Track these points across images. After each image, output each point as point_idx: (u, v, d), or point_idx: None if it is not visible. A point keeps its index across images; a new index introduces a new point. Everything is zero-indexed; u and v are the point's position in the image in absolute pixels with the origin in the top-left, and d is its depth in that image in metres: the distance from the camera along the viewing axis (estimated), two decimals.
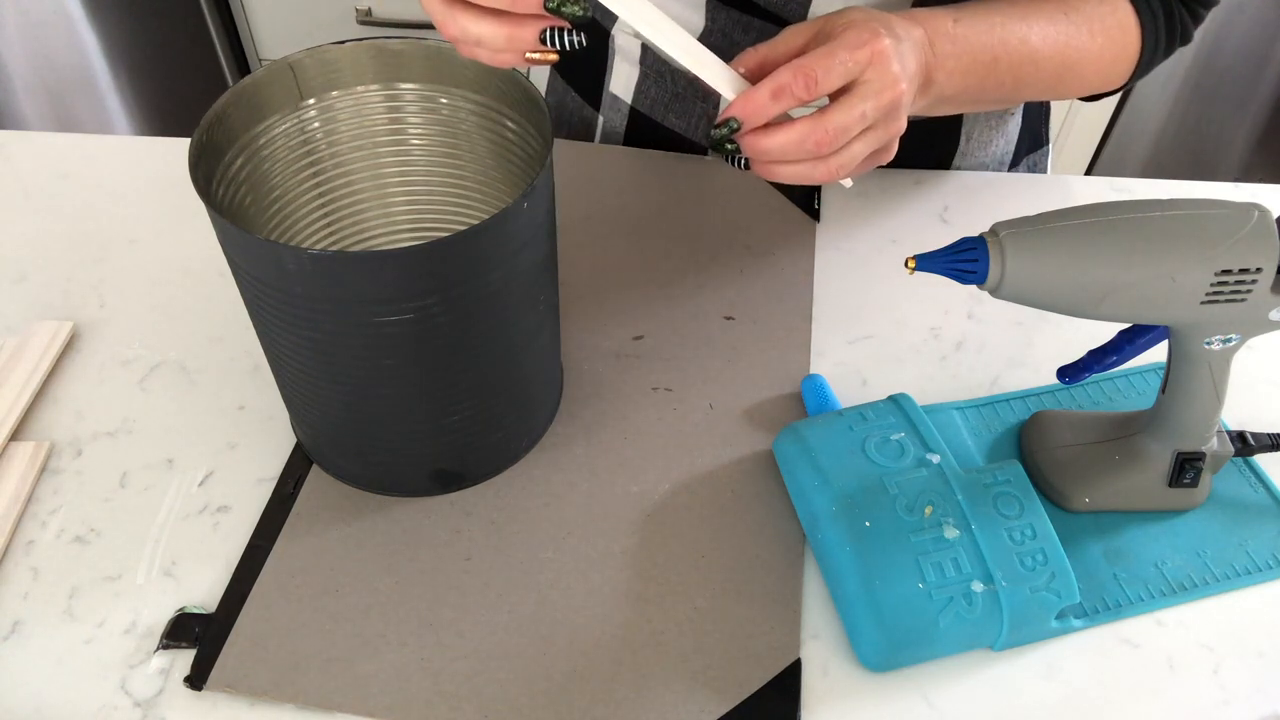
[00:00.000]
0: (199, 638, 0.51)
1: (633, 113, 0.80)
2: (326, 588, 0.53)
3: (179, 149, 0.81)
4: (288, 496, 0.58)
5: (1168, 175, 1.74)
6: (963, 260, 0.47)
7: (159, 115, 1.79)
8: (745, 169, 0.52)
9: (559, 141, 0.82)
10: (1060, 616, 0.52)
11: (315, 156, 0.59)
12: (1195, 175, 1.74)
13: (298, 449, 0.60)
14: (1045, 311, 0.61)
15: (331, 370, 0.51)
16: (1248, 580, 0.55)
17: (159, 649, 0.51)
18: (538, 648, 0.51)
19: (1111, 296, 0.47)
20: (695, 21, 0.71)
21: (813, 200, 0.77)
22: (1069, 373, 0.58)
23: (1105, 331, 0.57)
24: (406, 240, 0.65)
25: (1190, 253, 0.46)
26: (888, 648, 0.49)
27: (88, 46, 1.67)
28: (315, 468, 0.59)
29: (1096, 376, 0.63)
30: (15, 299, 0.69)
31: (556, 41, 0.46)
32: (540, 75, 0.89)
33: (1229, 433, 0.58)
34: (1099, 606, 0.53)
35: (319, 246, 0.62)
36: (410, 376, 0.51)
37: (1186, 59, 1.59)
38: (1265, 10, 1.51)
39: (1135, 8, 0.63)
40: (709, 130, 0.51)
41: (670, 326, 0.67)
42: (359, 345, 0.49)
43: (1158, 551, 0.56)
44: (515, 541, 0.56)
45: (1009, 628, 0.49)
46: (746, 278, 0.71)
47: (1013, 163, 0.83)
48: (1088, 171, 1.74)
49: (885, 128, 0.51)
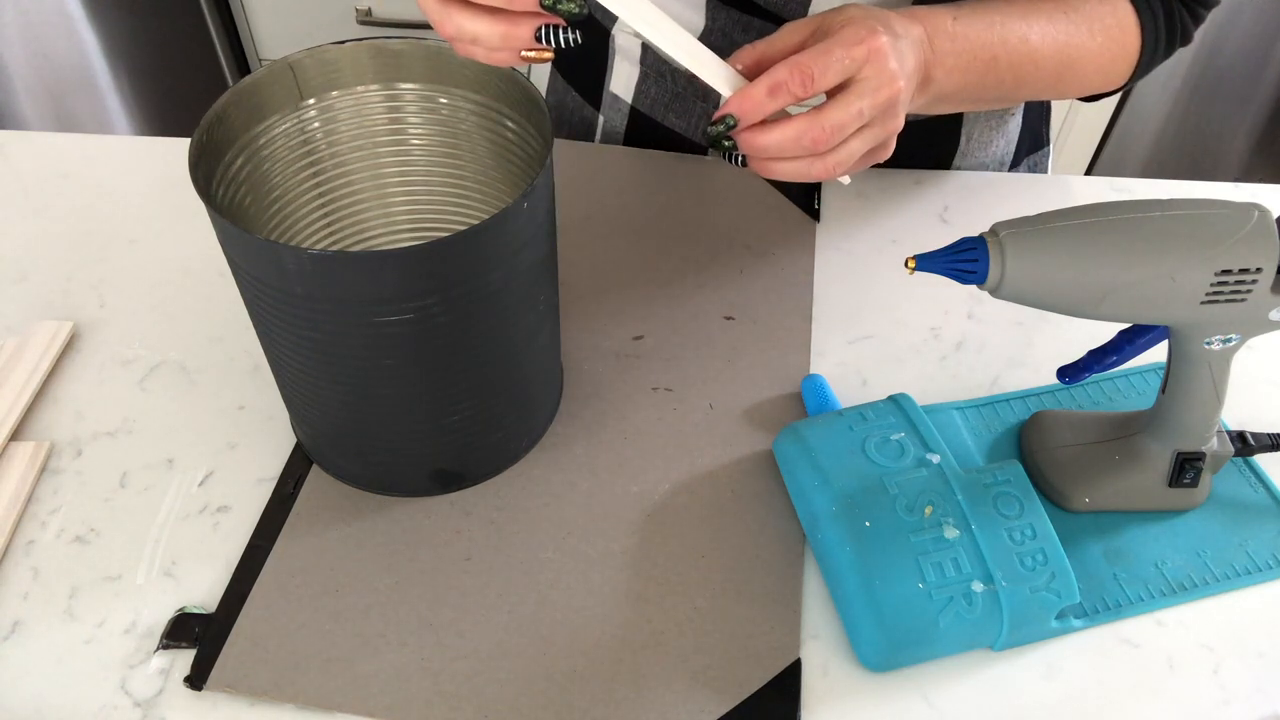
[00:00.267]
0: (199, 638, 0.51)
1: (633, 112, 0.80)
2: (326, 588, 0.53)
3: (179, 149, 0.81)
4: (288, 496, 0.58)
5: (1168, 175, 1.74)
6: (963, 260, 0.47)
7: (159, 115, 1.79)
8: (743, 165, 0.52)
9: (559, 141, 0.82)
10: (1060, 616, 0.52)
11: (315, 156, 0.59)
12: (1195, 175, 1.74)
13: (298, 449, 0.60)
14: (1045, 311, 0.61)
15: (331, 370, 0.51)
16: (1248, 580, 0.55)
17: (159, 649, 0.51)
18: (538, 648, 0.51)
19: (1111, 296, 0.47)
20: (695, 21, 0.71)
21: (813, 200, 0.77)
22: (1069, 373, 0.58)
23: (1105, 331, 0.57)
24: (406, 240, 0.65)
25: (1190, 253, 0.46)
26: (888, 648, 0.49)
27: (88, 46, 1.67)
28: (315, 468, 0.59)
29: (1096, 376, 0.63)
30: (15, 299, 0.69)
31: (552, 39, 0.46)
32: (540, 75, 0.89)
33: (1229, 433, 0.58)
34: (1099, 606, 0.53)
35: (319, 246, 0.62)
36: (410, 376, 0.51)
37: (1186, 59, 1.59)
38: (1265, 10, 1.51)
39: (1135, 8, 0.63)
40: (706, 128, 0.50)
41: (670, 326, 0.67)
42: (359, 345, 0.49)
43: (1158, 551, 0.56)
44: (515, 541, 0.56)
45: (1009, 628, 0.49)
46: (746, 278, 0.71)
47: (1013, 163, 0.83)
48: (1088, 171, 1.74)
49: (883, 125, 0.51)
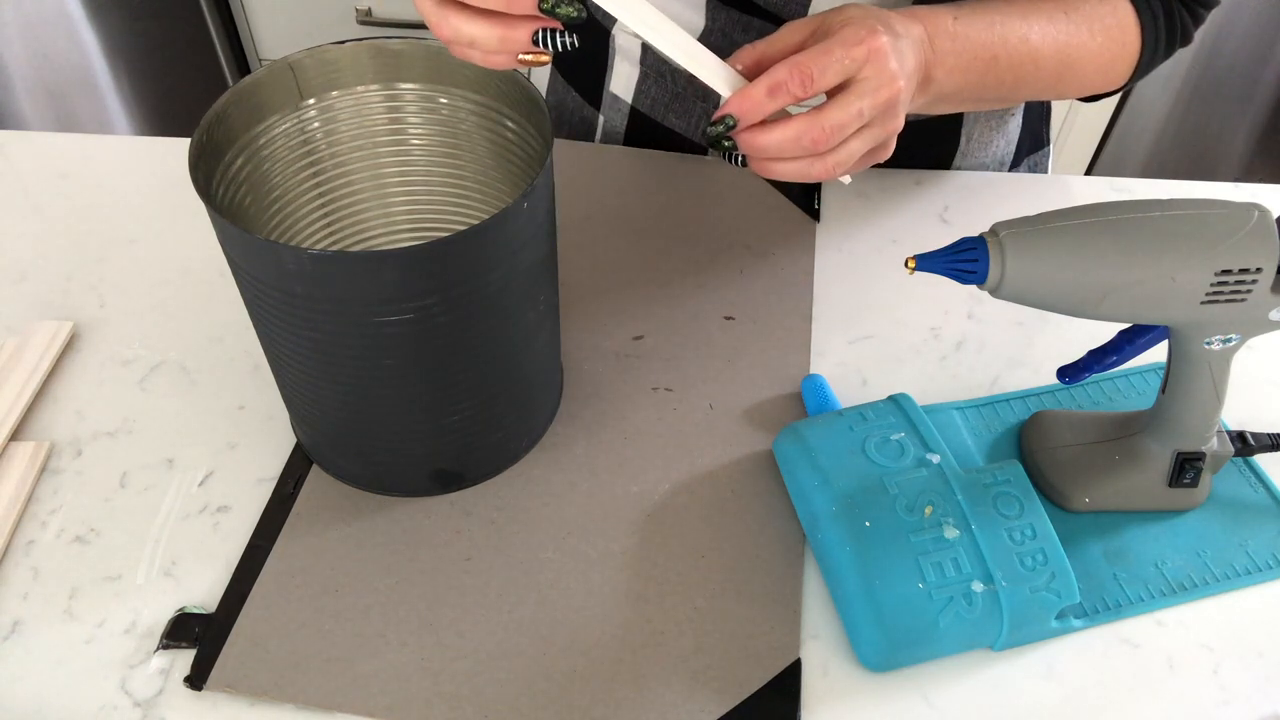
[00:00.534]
0: (199, 638, 0.51)
1: (633, 112, 0.80)
2: (326, 588, 0.53)
3: (179, 149, 0.81)
4: (288, 496, 0.58)
5: (1168, 175, 1.74)
6: (963, 260, 0.47)
7: (159, 115, 1.80)
8: (743, 165, 0.52)
9: (559, 141, 0.82)
10: (1060, 616, 0.52)
11: (315, 156, 0.59)
12: (1195, 175, 1.74)
13: (298, 449, 0.60)
14: (1045, 311, 0.61)
15: (331, 370, 0.51)
16: (1248, 580, 0.55)
17: (159, 649, 0.51)
18: (538, 648, 0.51)
19: (1111, 296, 0.47)
20: (695, 21, 0.71)
21: (813, 200, 0.77)
22: (1069, 373, 0.58)
23: (1105, 331, 0.57)
24: (406, 240, 0.65)
25: (1190, 253, 0.46)
26: (888, 648, 0.49)
27: (88, 46, 1.67)
28: (315, 468, 0.59)
29: (1096, 376, 0.63)
30: (15, 299, 0.69)
31: (550, 43, 0.46)
32: (541, 75, 0.89)
33: (1229, 433, 0.58)
34: (1099, 606, 0.53)
35: (319, 246, 0.62)
36: (410, 376, 0.51)
37: (1186, 59, 1.59)
38: (1265, 10, 1.51)
39: (1135, 8, 0.63)
40: (705, 128, 0.50)
41: (670, 326, 0.67)
42: (359, 345, 0.49)
43: (1158, 551, 0.56)
44: (515, 541, 0.56)
45: (1009, 628, 0.49)
46: (746, 278, 0.71)
47: (1013, 163, 0.83)
48: (1088, 171, 1.74)
49: (883, 125, 0.51)
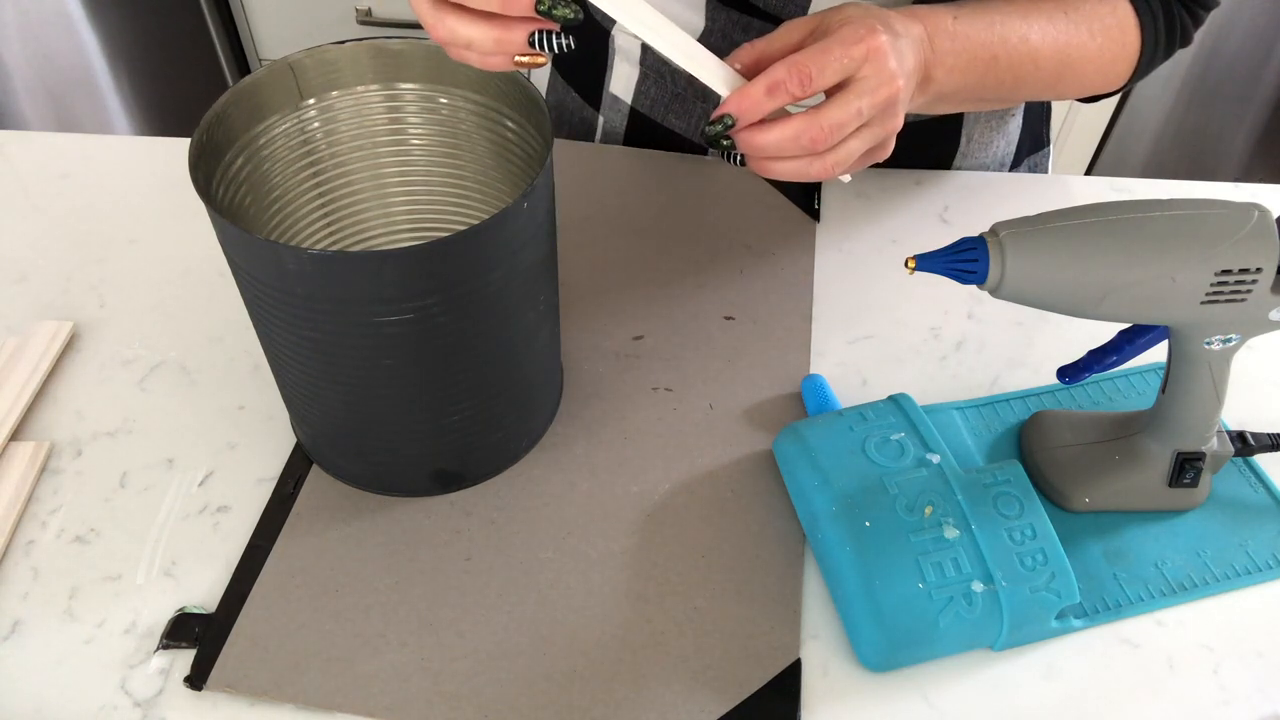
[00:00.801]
0: (199, 638, 0.51)
1: (633, 113, 0.80)
2: (326, 588, 0.53)
3: (179, 149, 0.81)
4: (288, 496, 0.58)
5: (1168, 175, 1.74)
6: (963, 260, 0.47)
7: (159, 115, 1.80)
8: (742, 164, 0.52)
9: (559, 141, 0.82)
10: (1060, 616, 0.52)
11: (315, 156, 0.59)
12: (1195, 175, 1.74)
13: (298, 449, 0.60)
14: (1045, 311, 0.61)
15: (331, 370, 0.51)
16: (1248, 580, 0.55)
17: (159, 649, 0.51)
18: (538, 648, 0.51)
19: (1111, 296, 0.47)
20: (695, 22, 0.71)
21: (813, 200, 0.77)
22: (1069, 373, 0.58)
23: (1105, 331, 0.57)
24: (406, 240, 0.65)
25: (1190, 253, 0.46)
26: (888, 648, 0.49)
27: (88, 46, 1.67)
28: (315, 468, 0.59)
29: (1096, 376, 0.63)
30: (15, 299, 0.69)
31: (546, 45, 0.46)
32: (541, 75, 0.89)
33: (1229, 433, 0.58)
34: (1099, 606, 0.53)
35: (319, 246, 0.62)
36: (410, 376, 0.51)
37: (1186, 59, 1.59)
38: (1265, 10, 1.51)
39: (1135, 8, 0.63)
40: (705, 126, 0.50)
41: (670, 326, 0.67)
42: (359, 345, 0.49)
43: (1158, 551, 0.56)
44: (515, 541, 0.56)
45: (1009, 628, 0.49)
46: (746, 278, 0.71)
47: (1013, 163, 0.83)
48: (1088, 171, 1.74)
49: (882, 124, 0.51)
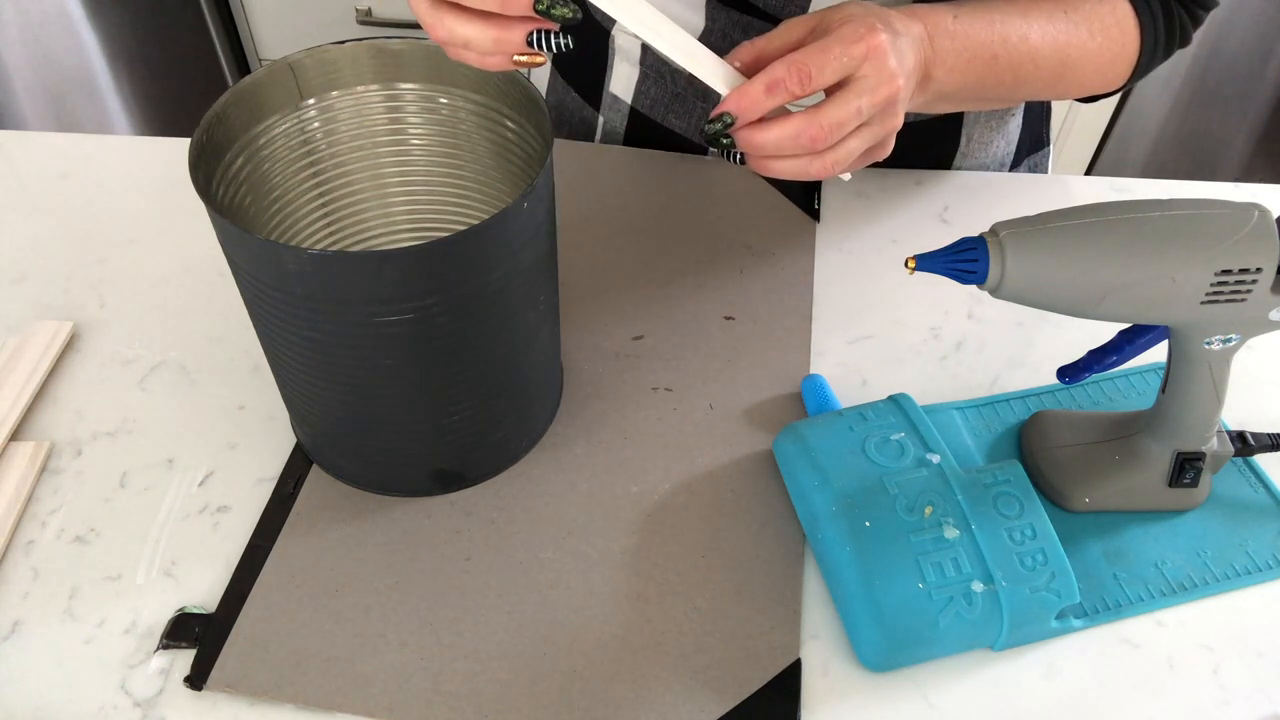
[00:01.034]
0: (199, 638, 0.51)
1: (633, 113, 0.80)
2: (326, 588, 0.53)
3: (179, 149, 0.81)
4: (288, 496, 0.58)
5: (1168, 175, 1.74)
6: (963, 260, 0.47)
7: (159, 115, 1.80)
8: (741, 163, 0.52)
9: (559, 141, 0.82)
10: (1060, 616, 0.52)
11: (315, 156, 0.59)
12: (1195, 175, 1.74)
13: (298, 449, 0.60)
14: (1045, 311, 0.61)
15: (331, 370, 0.51)
16: (1248, 580, 0.55)
17: (159, 649, 0.51)
18: (538, 648, 0.51)
19: (1111, 296, 0.47)
20: (695, 22, 0.71)
21: (813, 200, 0.77)
22: (1069, 373, 0.58)
23: (1105, 331, 0.57)
24: (406, 240, 0.65)
25: (1190, 253, 0.46)
26: (888, 648, 0.49)
27: (88, 46, 1.67)
28: (315, 468, 0.59)
29: (1096, 376, 0.63)
30: (15, 299, 0.69)
31: (545, 45, 0.46)
32: (541, 75, 0.89)
33: (1229, 433, 0.58)
34: (1099, 606, 0.53)
35: (319, 246, 0.62)
36: (410, 376, 0.51)
37: (1186, 59, 1.59)
38: (1265, 10, 1.51)
39: (1134, 8, 0.63)
40: (704, 125, 0.50)
41: (670, 326, 0.67)
42: (359, 345, 0.49)
43: (1158, 551, 0.56)
44: (515, 541, 0.56)
45: (1009, 628, 0.49)
46: (746, 278, 0.71)
47: (1013, 163, 0.83)
48: (1088, 171, 1.74)
49: (882, 123, 0.51)
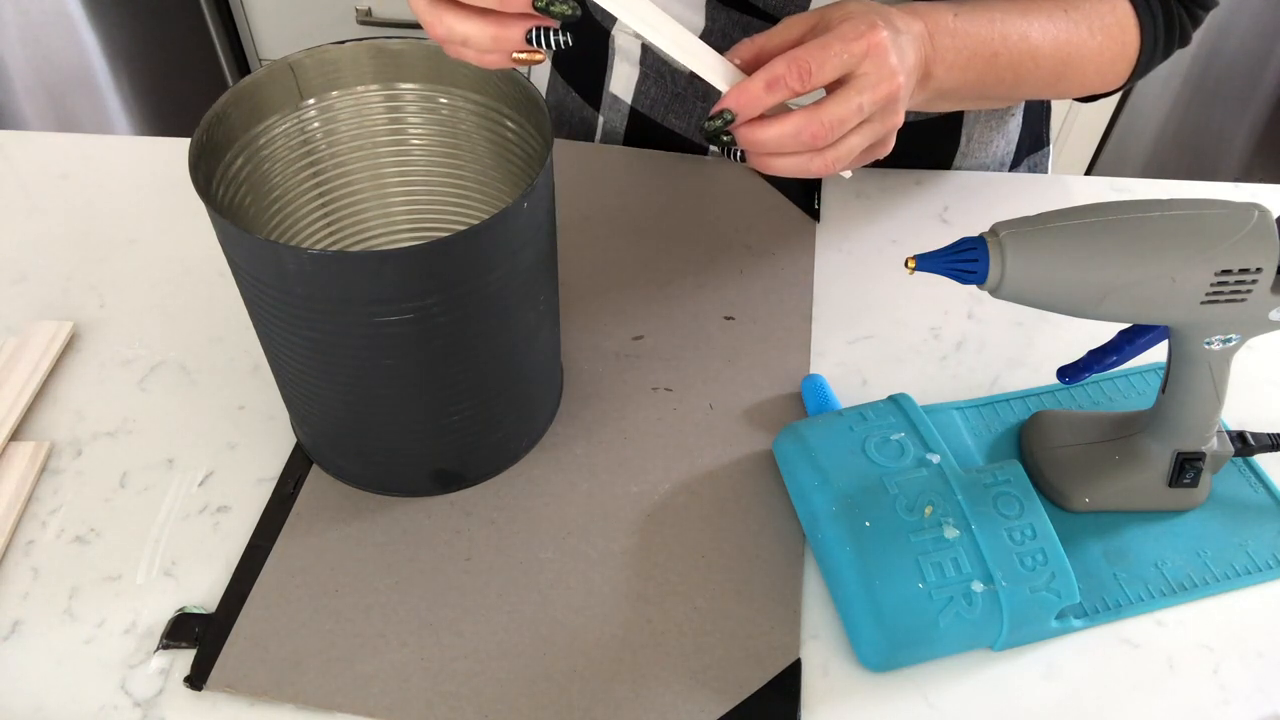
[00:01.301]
0: (199, 638, 0.51)
1: (633, 113, 0.80)
2: (326, 588, 0.53)
3: (179, 149, 0.81)
4: (288, 496, 0.58)
5: (1168, 175, 1.74)
6: (963, 260, 0.47)
7: (159, 115, 1.80)
8: (742, 160, 0.52)
9: (559, 141, 0.82)
10: (1060, 616, 0.52)
11: (315, 156, 0.59)
12: (1195, 175, 1.74)
13: (298, 449, 0.60)
14: (1045, 311, 0.61)
15: (331, 370, 0.51)
16: (1248, 580, 0.55)
17: (159, 649, 0.51)
18: (538, 648, 0.51)
19: (1111, 296, 0.47)
20: (695, 22, 0.71)
21: (813, 200, 0.77)
22: (1069, 373, 0.58)
23: (1105, 331, 0.57)
24: (406, 240, 0.65)
25: (1190, 253, 0.46)
26: (888, 648, 0.49)
27: (88, 46, 1.67)
28: (315, 468, 0.59)
29: (1096, 376, 0.63)
30: (15, 299, 0.69)
31: (544, 42, 0.46)
32: (541, 75, 0.89)
33: (1229, 433, 0.58)
34: (1099, 606, 0.53)
35: (319, 246, 0.62)
36: (410, 376, 0.51)
37: (1186, 59, 1.59)
38: (1265, 10, 1.51)
39: (1134, 8, 0.63)
40: (704, 122, 0.50)
41: (670, 326, 0.67)
42: (359, 345, 0.49)
43: (1158, 551, 0.56)
44: (515, 541, 0.56)
45: (1009, 628, 0.49)
46: (746, 278, 0.71)
47: (1013, 163, 0.83)
48: (1088, 171, 1.74)
49: (883, 121, 0.51)
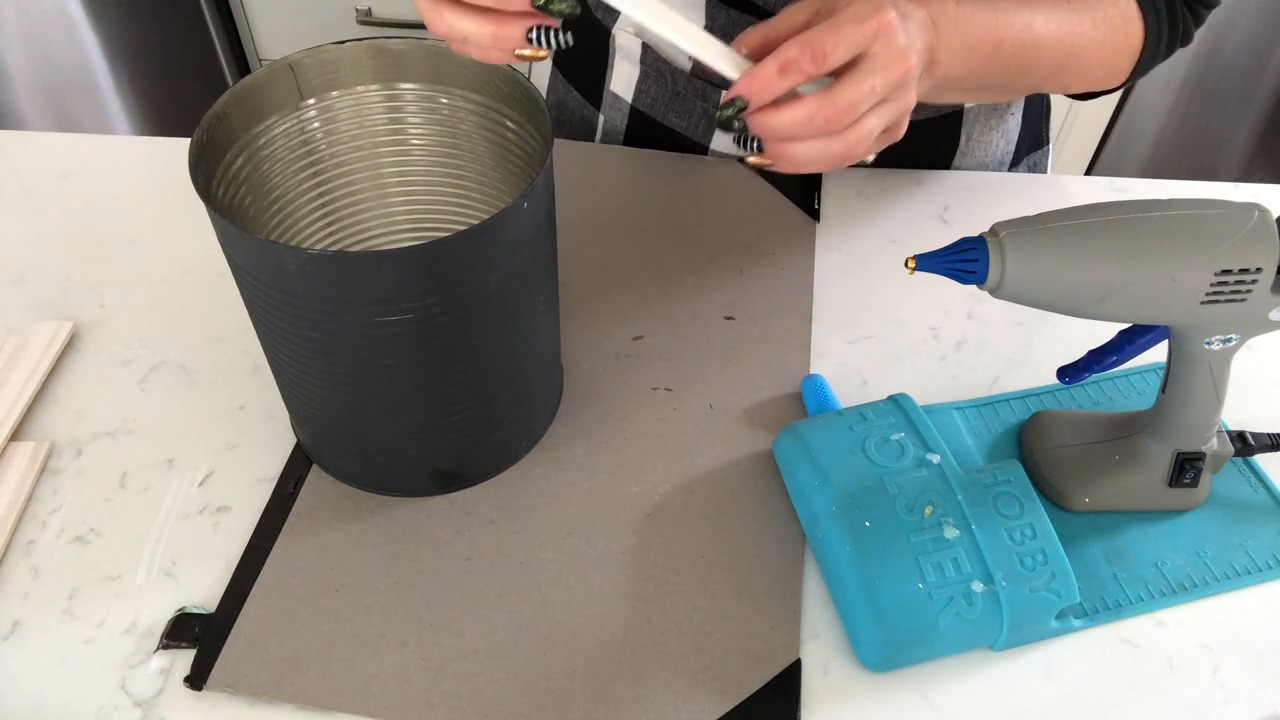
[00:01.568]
0: (199, 638, 0.51)
1: (633, 112, 0.80)
2: (326, 588, 0.53)
3: (179, 149, 0.81)
4: (288, 496, 0.58)
5: (1168, 175, 1.74)
6: (963, 260, 0.47)
7: (159, 115, 1.80)
8: (758, 150, 0.50)
9: (559, 141, 0.82)
10: (1060, 616, 0.52)
11: (315, 156, 0.59)
12: (1195, 175, 1.74)
13: (298, 449, 0.60)
14: (1045, 311, 0.61)
15: (331, 370, 0.51)
16: (1247, 580, 0.55)
17: (159, 649, 0.51)
18: (538, 648, 0.51)
19: (1111, 296, 0.47)
20: (695, 20, 0.71)
21: (813, 200, 0.77)
22: (1069, 373, 0.58)
23: (1105, 331, 0.57)
24: (406, 240, 0.65)
25: (1190, 253, 0.46)
26: (888, 648, 0.49)
27: (88, 46, 1.67)
28: (315, 468, 0.59)
29: (1096, 376, 0.63)
30: (15, 299, 0.69)
31: (545, 41, 0.46)
32: (541, 74, 0.89)
33: (1229, 433, 0.58)
34: (1099, 606, 0.53)
35: (319, 246, 0.62)
36: (410, 376, 0.51)
37: (1186, 59, 1.59)
38: (1265, 10, 1.51)
39: (1139, 2, 0.63)
40: (714, 113, 0.50)
41: (670, 326, 0.67)
42: (359, 345, 0.49)
43: (1158, 551, 0.56)
44: (515, 541, 0.56)
45: (1009, 628, 0.49)
46: (746, 278, 0.71)
47: (1013, 162, 0.83)
48: (1088, 171, 1.74)
49: (897, 101, 0.50)
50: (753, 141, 0.50)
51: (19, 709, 0.49)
